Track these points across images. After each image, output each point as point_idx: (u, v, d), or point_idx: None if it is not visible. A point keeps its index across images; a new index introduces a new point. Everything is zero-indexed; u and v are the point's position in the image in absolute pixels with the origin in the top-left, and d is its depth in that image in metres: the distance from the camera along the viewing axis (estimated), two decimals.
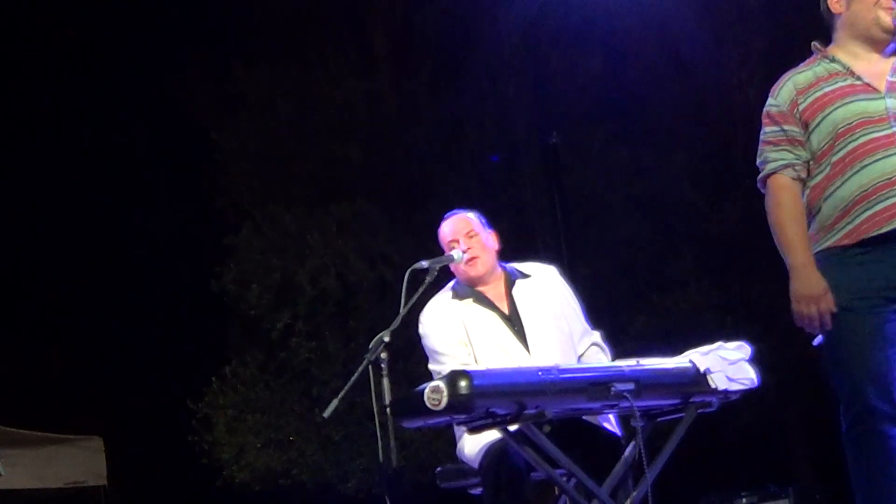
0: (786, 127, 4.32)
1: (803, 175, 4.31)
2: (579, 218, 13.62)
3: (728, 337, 4.78)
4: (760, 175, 4.40)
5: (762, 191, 4.41)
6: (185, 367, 15.07)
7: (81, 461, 12.21)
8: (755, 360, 4.69)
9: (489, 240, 5.21)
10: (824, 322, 4.19)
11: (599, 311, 6.26)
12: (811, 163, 4.28)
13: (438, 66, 15.16)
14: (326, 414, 4.91)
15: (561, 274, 5.32)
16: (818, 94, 4.26)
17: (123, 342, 16.47)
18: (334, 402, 4.84)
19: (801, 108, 4.27)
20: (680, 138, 14.17)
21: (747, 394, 4.72)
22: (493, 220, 5.36)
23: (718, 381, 4.55)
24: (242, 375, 14.54)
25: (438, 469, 5.19)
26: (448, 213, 5.30)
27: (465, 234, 5.16)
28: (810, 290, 4.19)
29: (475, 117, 14.91)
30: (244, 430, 14.36)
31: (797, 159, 4.31)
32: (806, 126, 4.26)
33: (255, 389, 14.47)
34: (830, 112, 4.22)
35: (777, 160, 4.34)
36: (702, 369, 4.56)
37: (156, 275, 16.46)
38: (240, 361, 14.62)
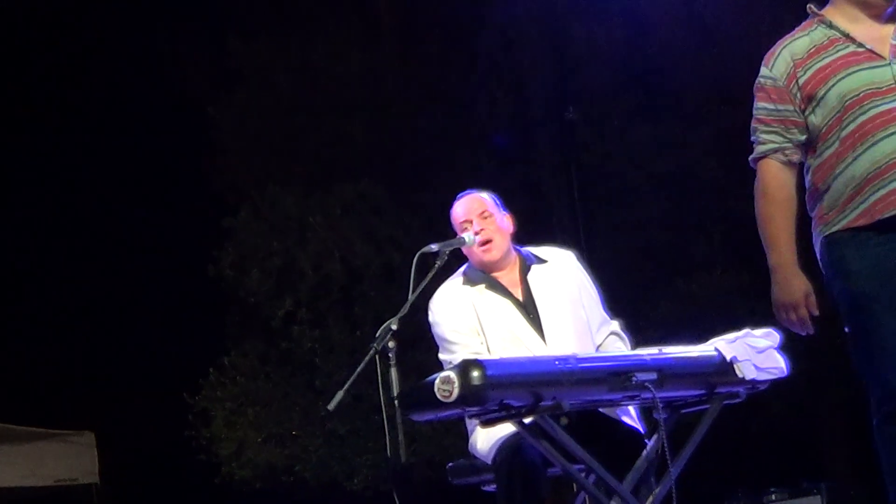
0: (780, 106, 4.26)
1: (794, 159, 4.27)
2: (598, 198, 13.64)
3: (756, 323, 4.78)
4: (751, 156, 4.37)
5: (753, 168, 4.38)
6: (181, 358, 15.10)
7: (72, 458, 12.26)
8: (785, 348, 4.69)
9: (504, 222, 5.21)
10: (806, 327, 4.22)
11: (620, 296, 6.27)
12: (817, 138, 4.23)
13: (447, 37, 15.13)
14: (331, 407, 4.92)
15: (579, 259, 5.32)
16: (819, 64, 4.19)
17: (116, 332, 16.50)
18: (339, 395, 4.85)
19: (800, 81, 4.21)
20: (706, 112, 14.14)
21: (776, 384, 4.73)
22: (507, 200, 5.35)
23: (746, 371, 4.56)
24: (242, 366, 14.57)
25: (450, 465, 5.21)
26: (461, 193, 5.29)
27: (479, 214, 5.15)
28: (789, 296, 4.22)
29: (487, 91, 14.88)
30: (244, 425, 14.40)
31: (788, 143, 4.26)
32: (808, 100, 4.20)
33: (255, 381, 14.52)
34: (834, 84, 4.15)
35: (767, 142, 4.30)
36: (728, 358, 4.57)
37: (149, 260, 16.48)
38: (239, 351, 14.66)
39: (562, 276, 5.16)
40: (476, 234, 5.10)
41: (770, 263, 4.27)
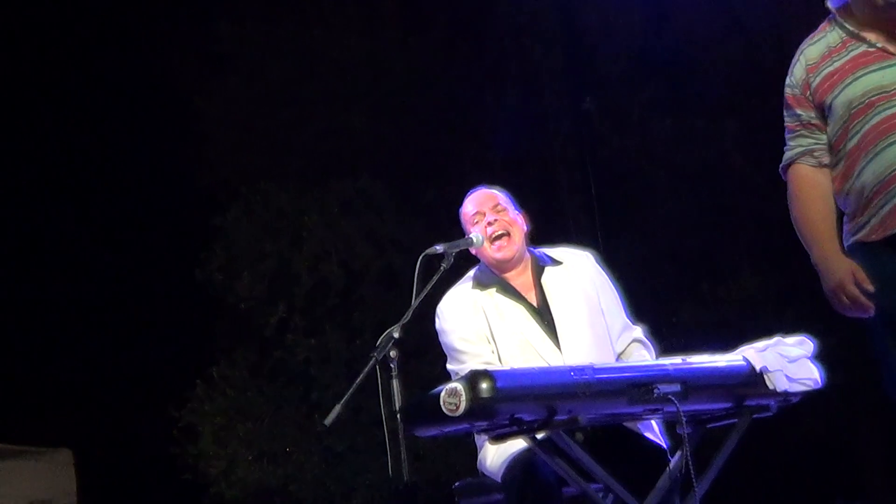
0: (799, 111, 4.37)
1: (825, 160, 4.35)
2: (617, 196, 13.63)
3: (787, 329, 4.79)
4: (780, 165, 4.45)
5: (784, 180, 4.47)
6: (166, 369, 15.12)
7: (47, 477, 12.27)
8: (819, 358, 4.70)
9: (519, 218, 5.21)
10: (862, 305, 4.22)
11: (641, 301, 6.26)
12: (831, 148, 4.30)
13: (453, 22, 15.15)
14: (328, 421, 4.92)
15: (597, 260, 5.33)
16: (829, 69, 4.27)
17: (95, 340, 16.50)
18: (337, 408, 4.86)
19: (813, 87, 4.32)
20: (733, 104, 14.15)
21: (810, 396, 4.73)
22: (519, 198, 5.36)
23: (777, 382, 4.56)
24: (231, 378, 14.58)
25: (456, 484, 5.22)
26: (471, 190, 5.30)
27: (492, 207, 5.16)
28: (832, 280, 4.25)
29: (496, 81, 14.90)
30: (234, 441, 14.41)
31: (817, 143, 4.35)
32: (820, 109, 4.30)
33: (245, 394, 14.52)
34: (842, 91, 4.23)
35: (794, 147, 4.41)
36: (758, 368, 4.56)
37: (131, 263, 16.48)
38: (228, 362, 14.66)
39: (579, 278, 5.16)
40: (489, 224, 5.10)
41: (813, 261, 4.32)
